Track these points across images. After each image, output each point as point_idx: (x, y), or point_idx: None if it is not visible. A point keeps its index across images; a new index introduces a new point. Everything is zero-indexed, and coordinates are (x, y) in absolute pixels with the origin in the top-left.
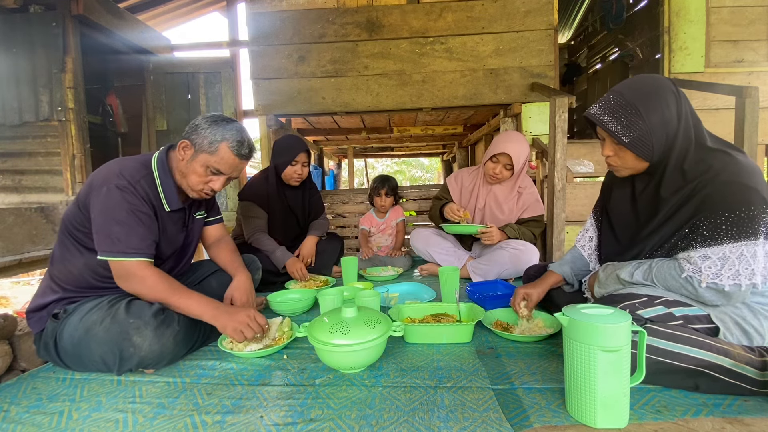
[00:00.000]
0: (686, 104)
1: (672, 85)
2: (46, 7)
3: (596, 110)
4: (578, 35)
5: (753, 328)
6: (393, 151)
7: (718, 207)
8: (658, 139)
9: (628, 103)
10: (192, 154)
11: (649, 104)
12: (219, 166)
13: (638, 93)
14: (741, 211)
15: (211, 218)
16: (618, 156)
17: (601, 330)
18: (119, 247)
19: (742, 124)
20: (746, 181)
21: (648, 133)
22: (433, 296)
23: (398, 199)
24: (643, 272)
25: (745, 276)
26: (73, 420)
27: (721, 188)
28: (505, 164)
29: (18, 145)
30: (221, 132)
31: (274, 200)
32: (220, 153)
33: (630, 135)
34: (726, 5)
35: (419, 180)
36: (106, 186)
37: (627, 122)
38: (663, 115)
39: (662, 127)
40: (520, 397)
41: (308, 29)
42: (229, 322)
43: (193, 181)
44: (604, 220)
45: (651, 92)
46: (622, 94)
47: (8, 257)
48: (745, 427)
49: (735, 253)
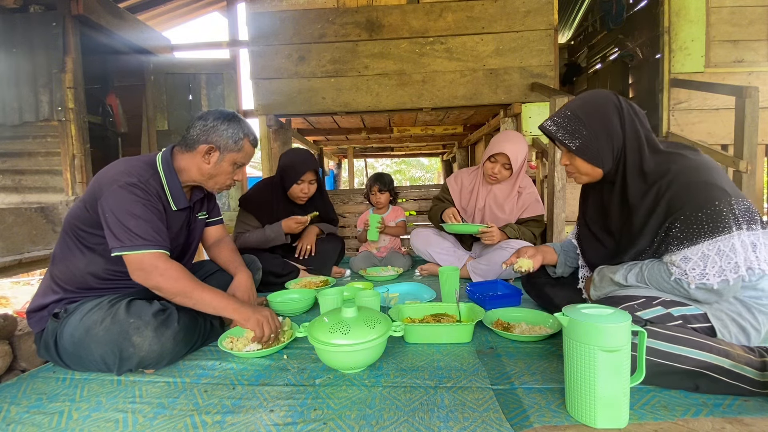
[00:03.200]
0: (632, 115)
1: (615, 98)
2: (46, 7)
3: (548, 122)
4: (578, 35)
5: (749, 324)
6: (393, 151)
7: (685, 208)
8: (604, 146)
9: (573, 114)
10: (218, 156)
11: (591, 114)
12: (244, 161)
13: (582, 106)
14: (707, 208)
15: (212, 219)
16: (572, 164)
17: (601, 330)
18: (138, 241)
19: (742, 124)
20: (706, 179)
21: (592, 140)
22: (433, 296)
23: (394, 195)
24: (635, 275)
25: (729, 270)
26: (73, 420)
27: (683, 190)
28: (503, 164)
29: (18, 145)
30: (240, 129)
31: (279, 217)
32: (245, 149)
33: (576, 142)
34: (726, 5)
35: (419, 180)
36: (116, 184)
37: (572, 130)
38: (605, 124)
39: (606, 135)
40: (520, 397)
41: (308, 29)
42: (253, 314)
43: (223, 179)
44: (583, 229)
45: (594, 105)
46: (568, 107)
47: (8, 257)
48: (745, 427)
49: (713, 250)
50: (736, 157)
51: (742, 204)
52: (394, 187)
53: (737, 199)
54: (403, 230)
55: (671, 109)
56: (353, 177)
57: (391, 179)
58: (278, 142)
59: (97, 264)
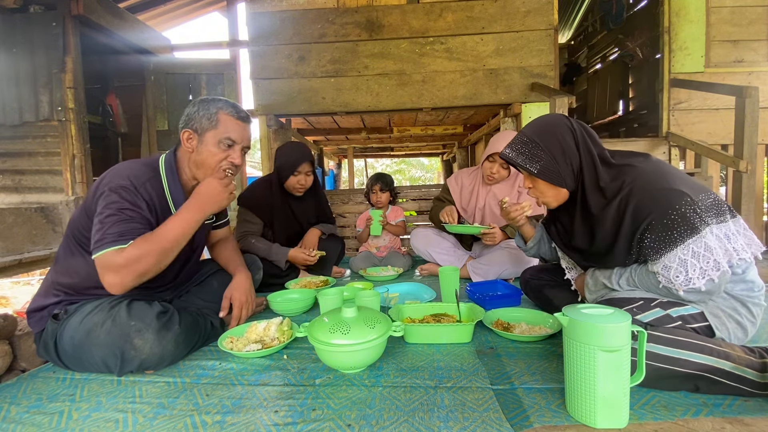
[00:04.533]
0: (584, 134)
1: (567, 120)
2: (46, 7)
3: (507, 150)
4: (578, 35)
5: (746, 318)
6: (393, 151)
7: (650, 218)
8: (563, 166)
9: (530, 139)
10: (198, 138)
11: (546, 137)
12: (229, 134)
13: (537, 130)
14: (670, 214)
15: (218, 222)
16: (536, 188)
17: (601, 330)
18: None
19: (742, 124)
20: (661, 185)
21: (552, 161)
22: (433, 296)
23: (394, 195)
24: (626, 280)
25: (711, 269)
26: (73, 420)
27: (643, 200)
28: (501, 163)
29: (18, 145)
30: (213, 105)
31: (278, 211)
32: (222, 122)
33: (537, 166)
34: (726, 5)
35: (419, 180)
36: (108, 187)
37: (531, 155)
38: (561, 144)
39: (563, 155)
40: (520, 397)
41: (308, 29)
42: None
43: (213, 161)
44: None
45: (547, 128)
46: (524, 134)
47: (8, 257)
48: (745, 427)
49: (688, 253)
50: (736, 157)
51: (705, 199)
52: (394, 187)
53: (698, 195)
54: (403, 230)
55: (671, 109)
56: (353, 177)
57: (392, 180)
58: (278, 142)
59: None
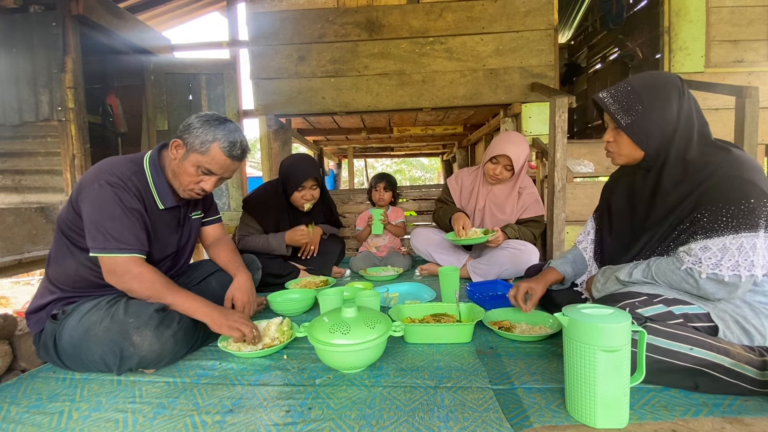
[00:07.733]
0: (691, 103)
1: (680, 83)
2: (46, 7)
3: (604, 94)
4: (578, 35)
5: (754, 327)
6: (393, 151)
7: (718, 200)
8: (654, 129)
9: (633, 90)
10: (184, 154)
11: (652, 94)
12: (210, 167)
13: (645, 83)
14: (740, 203)
15: (208, 218)
16: (616, 141)
17: (601, 330)
18: (113, 244)
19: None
20: (745, 175)
21: (645, 120)
22: (433, 296)
23: (396, 196)
24: (642, 271)
25: (744, 267)
26: (73, 420)
27: (720, 182)
28: (505, 165)
29: (18, 145)
30: (213, 132)
31: (284, 222)
32: (211, 153)
33: (628, 119)
34: (726, 5)
35: (419, 180)
36: (97, 183)
37: (628, 106)
38: (663, 106)
39: (660, 118)
40: (520, 397)
41: (308, 29)
42: (225, 320)
43: (185, 180)
44: (604, 220)
45: (657, 85)
46: (630, 83)
47: (8, 257)
48: (745, 427)
49: (735, 244)
50: None
51: None
52: (396, 188)
53: None
54: (403, 231)
55: None
56: (353, 177)
57: (396, 181)
58: (278, 142)
59: (88, 264)
